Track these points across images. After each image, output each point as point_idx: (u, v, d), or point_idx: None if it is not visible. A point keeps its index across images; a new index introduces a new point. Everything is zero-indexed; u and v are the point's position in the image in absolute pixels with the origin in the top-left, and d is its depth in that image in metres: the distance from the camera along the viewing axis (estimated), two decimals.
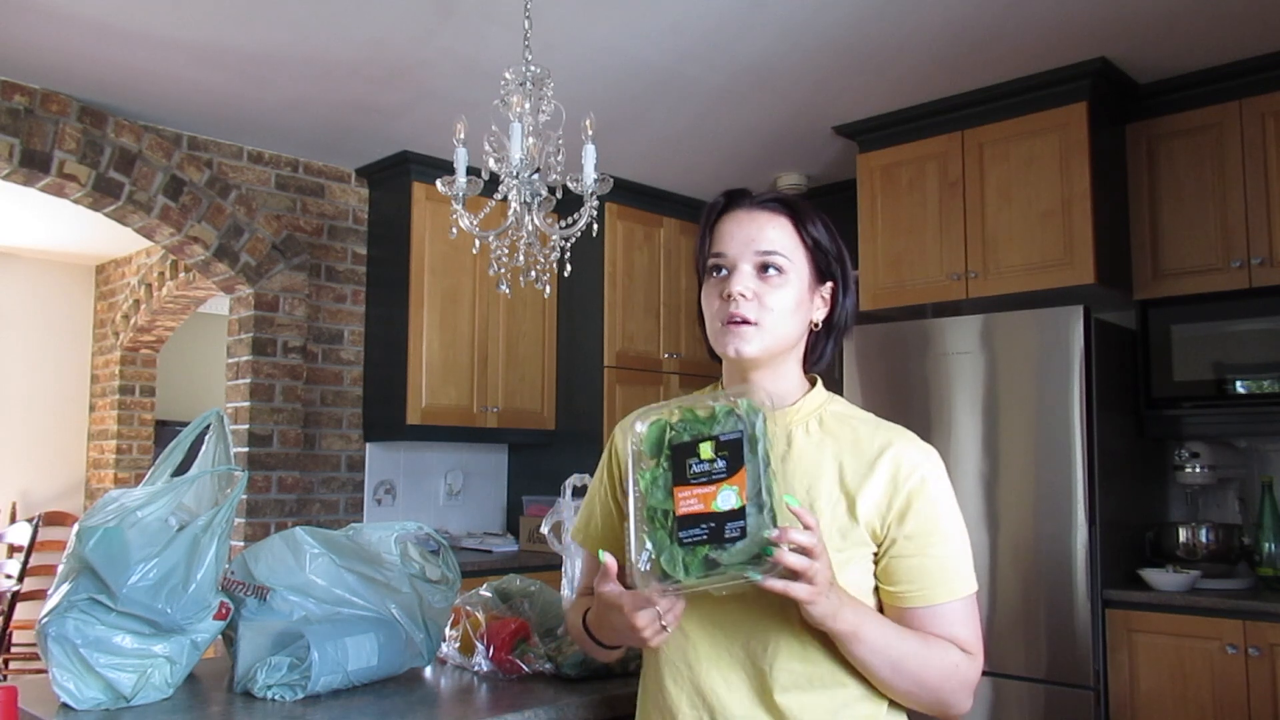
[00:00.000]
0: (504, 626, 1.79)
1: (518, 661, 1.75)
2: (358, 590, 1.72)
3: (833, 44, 3.16)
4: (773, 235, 1.30)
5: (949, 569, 1.27)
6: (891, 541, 1.27)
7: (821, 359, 1.39)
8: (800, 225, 1.32)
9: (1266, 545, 3.12)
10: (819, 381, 1.40)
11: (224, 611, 1.60)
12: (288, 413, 4.19)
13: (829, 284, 1.36)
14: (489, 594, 1.95)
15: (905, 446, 1.31)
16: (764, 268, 1.29)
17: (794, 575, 1.10)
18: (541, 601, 1.95)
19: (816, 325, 1.36)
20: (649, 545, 1.15)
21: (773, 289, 1.29)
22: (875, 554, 1.28)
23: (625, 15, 2.97)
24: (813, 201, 1.40)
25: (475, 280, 4.40)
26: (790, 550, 1.09)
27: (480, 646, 1.78)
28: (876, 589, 1.30)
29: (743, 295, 1.28)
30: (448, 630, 1.86)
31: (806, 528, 1.10)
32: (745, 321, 1.27)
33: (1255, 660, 2.83)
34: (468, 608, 1.86)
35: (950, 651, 1.26)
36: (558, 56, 3.14)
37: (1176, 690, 2.96)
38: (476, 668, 1.78)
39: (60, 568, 1.58)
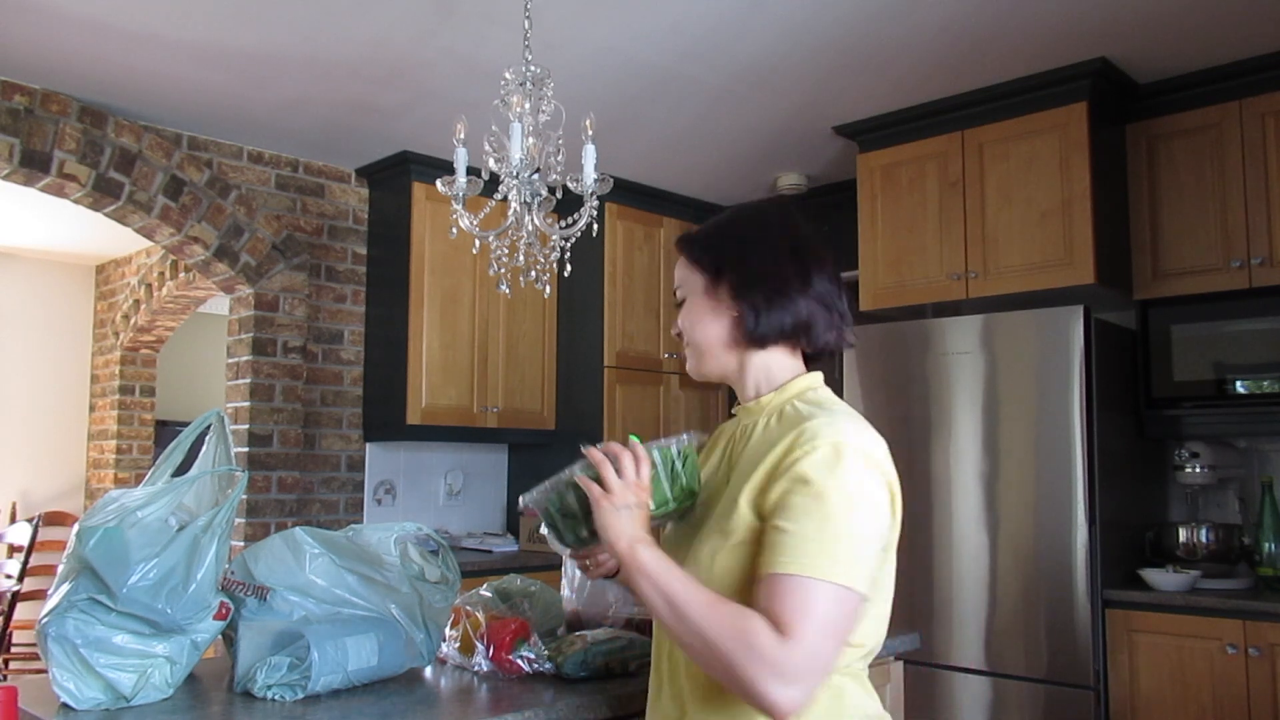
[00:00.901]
0: (504, 626, 1.79)
1: (518, 662, 1.75)
2: (358, 590, 1.72)
3: (833, 44, 3.16)
4: (677, 274, 1.48)
5: (799, 545, 1.20)
6: (764, 515, 1.27)
7: (762, 334, 1.38)
8: (686, 251, 1.46)
9: (1266, 545, 3.12)
10: (801, 376, 1.41)
11: (224, 611, 1.60)
12: (288, 413, 4.19)
13: (725, 279, 1.41)
14: (489, 594, 1.95)
15: (814, 424, 1.27)
16: (677, 302, 1.48)
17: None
18: (543, 602, 1.95)
19: (734, 311, 1.40)
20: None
21: (683, 315, 1.46)
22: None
23: (625, 15, 2.97)
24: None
25: (475, 280, 4.40)
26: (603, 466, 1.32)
27: (480, 646, 1.78)
28: None
29: (678, 335, 1.48)
30: (448, 630, 1.86)
31: (636, 458, 1.33)
32: (686, 348, 1.46)
33: (1255, 660, 2.83)
34: (468, 608, 1.86)
35: (749, 618, 1.18)
36: (558, 56, 3.14)
37: (1176, 690, 2.96)
38: (476, 668, 1.78)
39: (60, 568, 1.58)
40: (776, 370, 1.40)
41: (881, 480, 1.26)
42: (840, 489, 1.22)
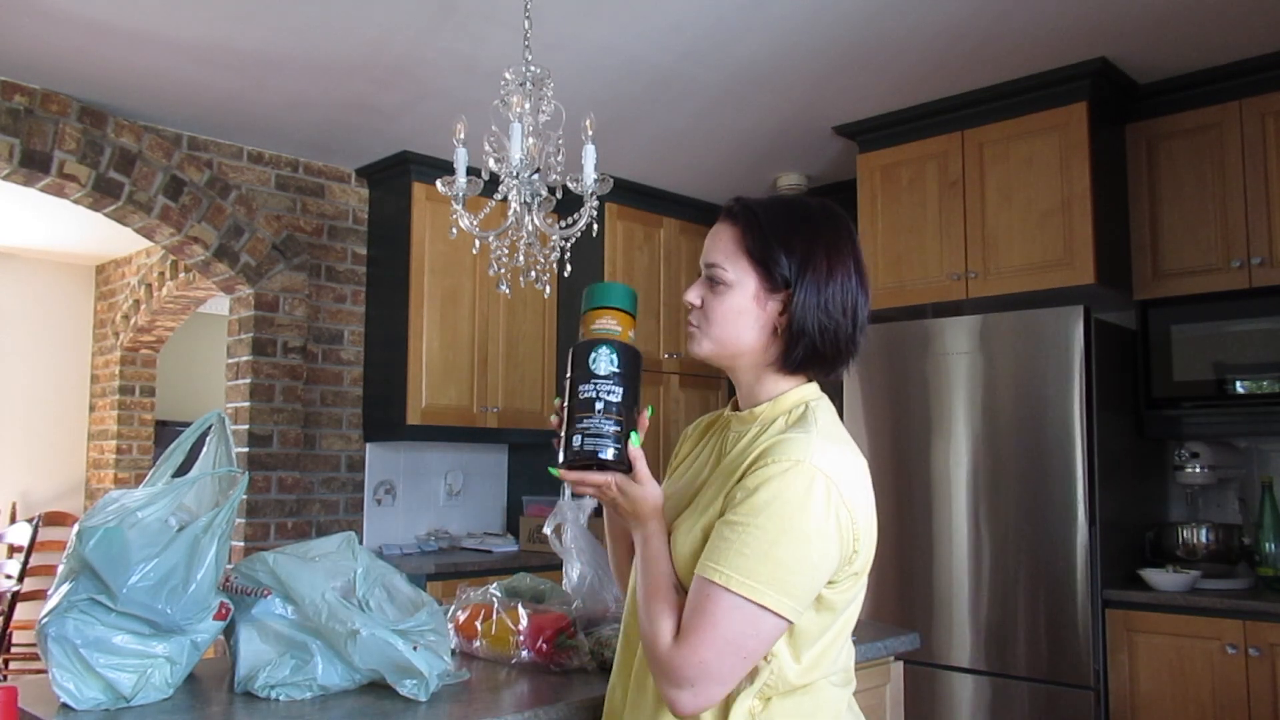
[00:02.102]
0: (548, 621, 1.80)
1: (562, 655, 1.77)
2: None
3: (833, 44, 3.16)
4: (716, 246, 1.37)
5: (726, 552, 1.20)
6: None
7: (797, 364, 1.35)
8: (743, 234, 1.34)
9: (1266, 545, 3.12)
10: (798, 388, 1.36)
11: (224, 612, 1.60)
12: (288, 413, 4.19)
13: (786, 289, 1.32)
14: (499, 593, 1.95)
15: (786, 440, 1.25)
16: (710, 278, 1.36)
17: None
18: (558, 599, 1.95)
19: (780, 330, 1.34)
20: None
21: (714, 297, 1.35)
22: None
23: (625, 15, 2.97)
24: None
25: (475, 280, 4.40)
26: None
27: (522, 639, 1.79)
28: None
29: (691, 304, 1.38)
30: (472, 621, 1.87)
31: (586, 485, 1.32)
32: (696, 326, 1.38)
33: (1255, 660, 2.83)
34: (497, 604, 1.87)
35: (665, 619, 1.24)
36: (558, 56, 3.14)
37: (1176, 690, 2.96)
38: (515, 660, 1.80)
39: (60, 568, 1.58)
40: (780, 384, 1.37)
41: (832, 508, 1.21)
42: (783, 508, 1.20)
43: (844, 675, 1.35)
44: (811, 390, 1.38)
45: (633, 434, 1.29)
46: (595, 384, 1.31)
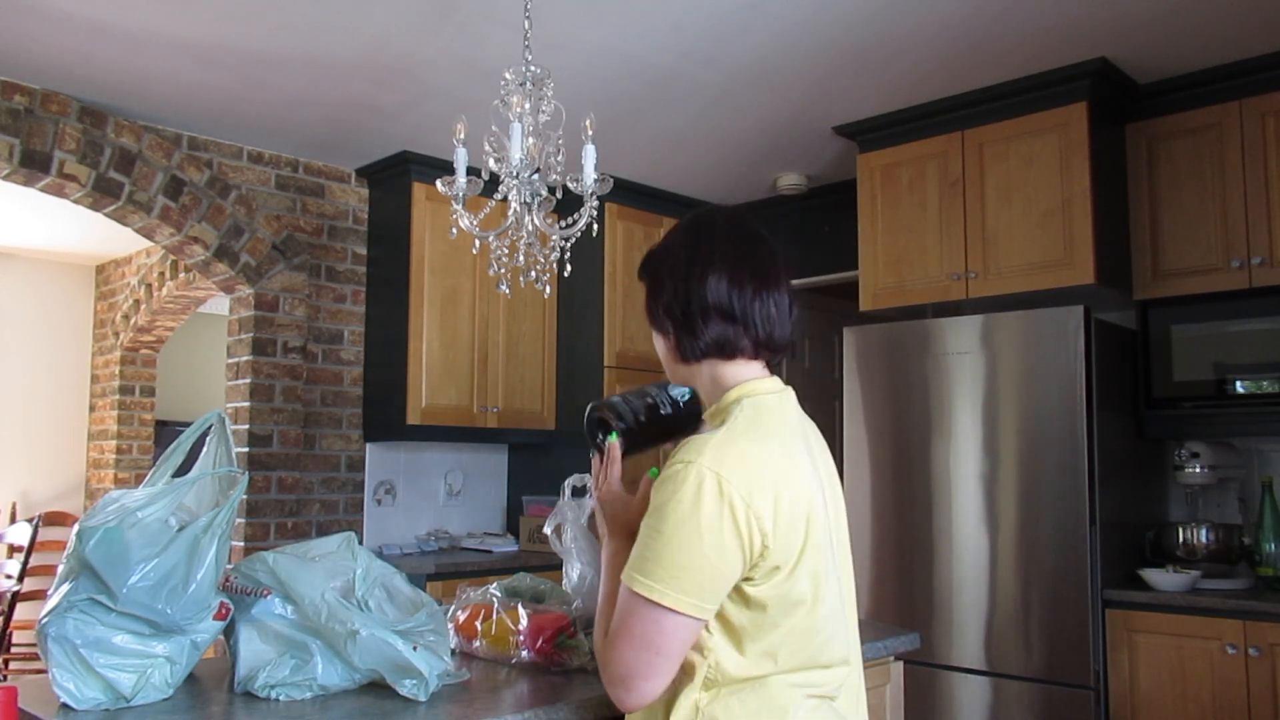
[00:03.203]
0: (552, 621, 1.80)
1: (562, 655, 1.77)
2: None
3: (833, 44, 3.16)
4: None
5: (634, 556, 1.29)
6: None
7: (697, 351, 1.42)
8: (644, 273, 1.51)
9: (1266, 545, 3.12)
10: (739, 385, 1.41)
11: (224, 611, 1.60)
12: (288, 413, 4.19)
13: (655, 302, 1.48)
14: (499, 593, 1.95)
15: (691, 442, 1.31)
16: None
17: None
18: (559, 599, 1.95)
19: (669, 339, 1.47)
20: None
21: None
22: None
23: (625, 15, 2.97)
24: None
25: (475, 280, 4.40)
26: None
27: (522, 639, 1.79)
28: None
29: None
30: (471, 621, 1.87)
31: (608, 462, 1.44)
32: None
33: (1255, 660, 2.83)
34: (497, 604, 1.87)
35: (603, 623, 1.36)
36: (558, 56, 3.14)
37: (1176, 690, 2.96)
38: (514, 660, 1.80)
39: (60, 568, 1.58)
40: (721, 379, 1.43)
41: (725, 505, 1.23)
42: (675, 510, 1.25)
43: (806, 675, 1.32)
44: (752, 386, 1.41)
45: (613, 434, 1.40)
46: (663, 391, 1.45)
